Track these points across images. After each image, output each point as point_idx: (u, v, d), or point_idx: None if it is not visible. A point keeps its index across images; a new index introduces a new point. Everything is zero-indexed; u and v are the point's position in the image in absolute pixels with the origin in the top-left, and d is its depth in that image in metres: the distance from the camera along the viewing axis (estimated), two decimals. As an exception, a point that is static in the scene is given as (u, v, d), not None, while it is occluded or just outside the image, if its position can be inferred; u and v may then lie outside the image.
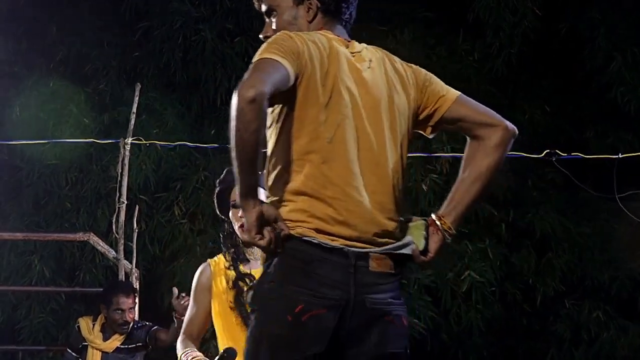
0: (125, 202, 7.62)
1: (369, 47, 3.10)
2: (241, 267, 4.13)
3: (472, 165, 3.00)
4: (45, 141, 9.07)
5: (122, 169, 7.63)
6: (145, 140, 8.25)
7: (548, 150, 8.35)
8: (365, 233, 2.85)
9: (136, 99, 7.89)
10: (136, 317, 6.63)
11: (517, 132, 3.10)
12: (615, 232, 9.68)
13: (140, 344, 6.52)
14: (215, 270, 4.12)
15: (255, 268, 4.07)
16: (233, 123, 2.67)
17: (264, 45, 2.86)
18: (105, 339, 6.74)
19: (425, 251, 2.94)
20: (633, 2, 9.95)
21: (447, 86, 3.11)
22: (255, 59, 2.82)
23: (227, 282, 4.11)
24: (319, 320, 2.78)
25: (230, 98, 6.08)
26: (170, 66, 9.93)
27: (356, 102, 2.92)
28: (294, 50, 2.82)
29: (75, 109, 9.58)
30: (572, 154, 8.44)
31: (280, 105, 2.86)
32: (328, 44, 2.94)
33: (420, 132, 3.19)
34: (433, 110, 3.07)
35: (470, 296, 9.41)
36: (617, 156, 8.59)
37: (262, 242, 2.73)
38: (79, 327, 7.04)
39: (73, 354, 7.07)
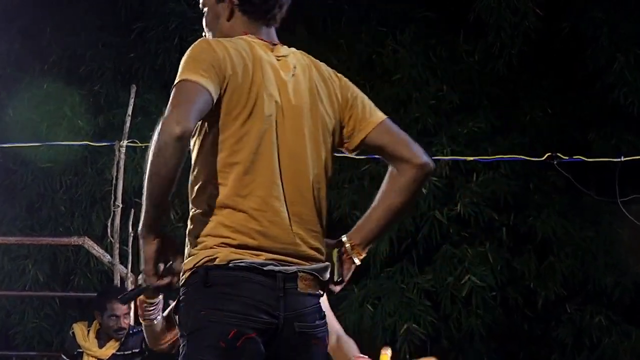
0: (121, 205, 7.54)
1: (297, 52, 3.05)
2: None
3: (386, 199, 3.00)
4: (39, 144, 9.01)
5: (118, 172, 7.57)
6: (141, 143, 8.20)
7: (549, 153, 8.45)
8: (286, 244, 2.83)
9: (132, 100, 7.86)
10: (132, 323, 6.47)
11: (432, 167, 3.10)
12: (618, 236, 9.68)
13: (136, 350, 6.48)
14: None
15: None
16: (152, 156, 2.64)
17: (186, 59, 2.80)
18: (100, 345, 6.66)
19: (340, 280, 2.95)
20: (636, 2, 9.92)
21: (373, 109, 3.06)
22: (178, 77, 2.76)
23: None
24: (252, 343, 2.79)
25: None
26: (166, 67, 9.89)
27: (279, 110, 2.87)
28: (215, 63, 2.78)
29: (70, 111, 9.58)
30: (574, 157, 8.52)
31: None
32: (250, 51, 2.88)
33: (341, 149, 3.21)
34: (352, 132, 3.02)
35: (471, 301, 9.42)
36: (619, 159, 8.58)
37: (152, 280, 2.73)
38: (73, 333, 6.92)
39: (68, 360, 8.01)
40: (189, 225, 2.94)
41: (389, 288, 9.43)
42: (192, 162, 2.90)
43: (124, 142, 7.69)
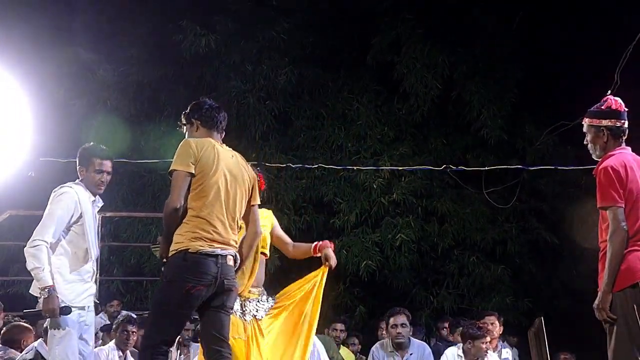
0: None
1: (229, 149, 4.26)
2: None
3: (243, 245, 4.28)
4: (157, 160, 10.40)
5: None
6: None
7: (445, 165, 10.05)
8: (223, 241, 3.99)
9: None
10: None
11: (260, 235, 4.39)
12: (483, 212, 11.18)
13: None
14: None
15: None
16: (165, 218, 4.00)
17: (177, 155, 4.06)
18: None
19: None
20: (495, 80, 11.52)
21: (256, 194, 4.33)
22: (172, 166, 3.96)
23: None
24: (199, 291, 3.95)
25: (262, 137, 8.26)
26: (229, 118, 10.90)
27: (226, 175, 4.08)
28: (192, 154, 4.00)
29: (176, 142, 10.20)
30: (459, 167, 10.30)
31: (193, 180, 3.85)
32: (211, 145, 4.06)
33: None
34: (249, 198, 4.22)
35: (401, 248, 10.77)
36: (484, 168, 10.47)
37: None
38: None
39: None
40: (180, 228, 4.07)
41: (356, 241, 10.83)
42: (187, 204, 4.04)
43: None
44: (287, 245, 4.83)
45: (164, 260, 4.06)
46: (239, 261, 4.16)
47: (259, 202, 4.33)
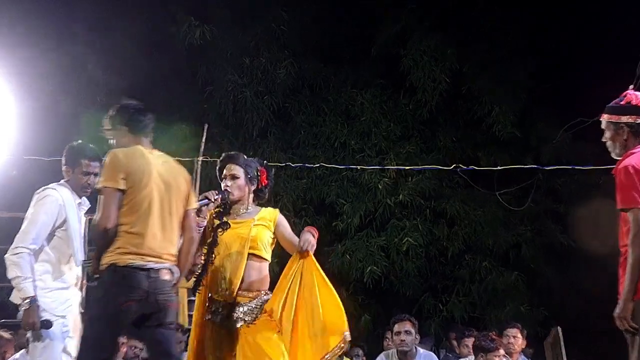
0: (198, 184, 8.92)
1: (161, 153, 4.14)
2: (225, 218, 4.70)
3: (180, 253, 4.13)
4: None
5: (196, 172, 8.95)
6: (211, 158, 9.41)
7: (455, 165, 9.84)
8: (157, 254, 3.92)
9: (204, 133, 9.12)
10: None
11: (198, 239, 4.26)
12: (495, 214, 11.12)
13: None
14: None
15: (234, 219, 4.67)
16: (95, 238, 3.93)
17: (105, 169, 3.97)
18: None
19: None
20: (506, 75, 11.41)
21: (192, 196, 4.16)
22: (100, 183, 3.88)
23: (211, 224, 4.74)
24: (131, 306, 3.85)
25: (260, 134, 7.64)
26: (225, 113, 11.29)
27: (159, 184, 3.99)
28: (121, 168, 3.90)
29: (168, 141, 8.97)
30: (469, 167, 10.19)
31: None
32: (141, 154, 3.95)
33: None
34: (185, 204, 4.13)
35: (408, 253, 10.68)
36: (496, 168, 10.30)
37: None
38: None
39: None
40: (112, 244, 3.99)
41: (360, 245, 10.75)
42: (120, 215, 3.92)
43: (200, 158, 9.16)
44: (295, 247, 4.59)
45: (96, 276, 4.00)
46: (177, 274, 4.05)
47: (195, 207, 4.26)
